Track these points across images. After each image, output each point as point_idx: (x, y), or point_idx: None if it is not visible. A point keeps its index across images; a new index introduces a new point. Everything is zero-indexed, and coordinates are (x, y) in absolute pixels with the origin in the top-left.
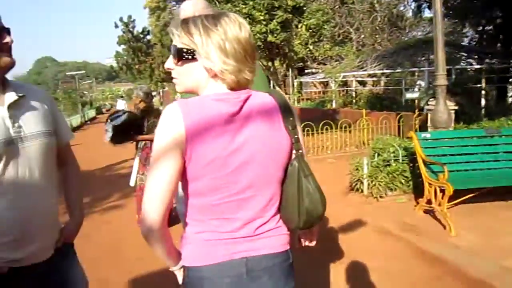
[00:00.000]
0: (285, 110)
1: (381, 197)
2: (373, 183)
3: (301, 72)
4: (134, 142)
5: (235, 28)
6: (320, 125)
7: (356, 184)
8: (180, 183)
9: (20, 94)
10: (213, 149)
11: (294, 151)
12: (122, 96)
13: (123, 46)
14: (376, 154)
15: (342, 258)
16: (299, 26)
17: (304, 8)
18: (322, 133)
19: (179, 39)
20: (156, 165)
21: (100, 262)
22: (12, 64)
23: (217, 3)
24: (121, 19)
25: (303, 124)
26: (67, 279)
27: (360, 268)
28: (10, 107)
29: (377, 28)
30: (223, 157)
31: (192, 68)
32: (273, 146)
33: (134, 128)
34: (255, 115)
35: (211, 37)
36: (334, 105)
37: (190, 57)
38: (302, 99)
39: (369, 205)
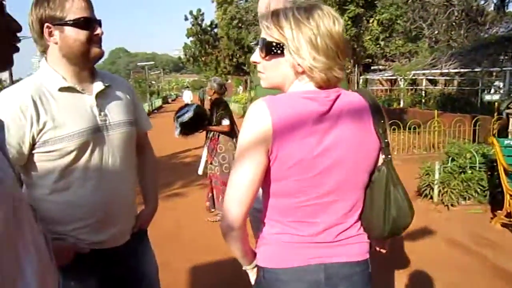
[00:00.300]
0: (376, 111)
1: (452, 205)
2: (445, 190)
3: (367, 68)
4: (204, 132)
5: (329, 22)
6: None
7: (426, 189)
8: None
9: (107, 84)
10: (300, 149)
11: (382, 156)
12: (187, 87)
13: (191, 39)
14: (450, 159)
15: (407, 267)
16: (371, 21)
17: (376, 2)
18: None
19: (268, 32)
20: (241, 163)
21: (163, 247)
22: (101, 55)
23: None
24: (191, 12)
25: None
26: (142, 263)
27: (426, 280)
28: (98, 96)
29: (453, 23)
30: (309, 159)
31: (279, 63)
32: (362, 150)
33: (201, 121)
34: (344, 116)
35: (302, 31)
36: (401, 104)
37: (279, 51)
38: None
39: (439, 213)
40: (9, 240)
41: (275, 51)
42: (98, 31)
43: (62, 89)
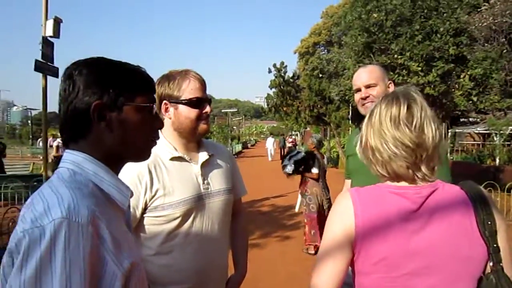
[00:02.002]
0: (481, 210)
1: None
2: None
3: (456, 121)
4: (299, 177)
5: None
6: (483, 186)
7: None
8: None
9: (211, 154)
10: (385, 247)
11: (490, 263)
12: (271, 134)
13: (273, 90)
14: None
15: None
16: (462, 76)
17: (468, 57)
18: None
19: None
20: (324, 258)
21: None
22: (206, 131)
23: (372, 55)
24: (274, 65)
25: None
26: None
27: None
28: (202, 165)
29: None
30: (395, 258)
31: None
32: (460, 256)
33: (306, 163)
34: (438, 215)
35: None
36: (497, 162)
37: None
38: (456, 151)
39: None
40: None
41: None
42: (207, 109)
43: (173, 159)
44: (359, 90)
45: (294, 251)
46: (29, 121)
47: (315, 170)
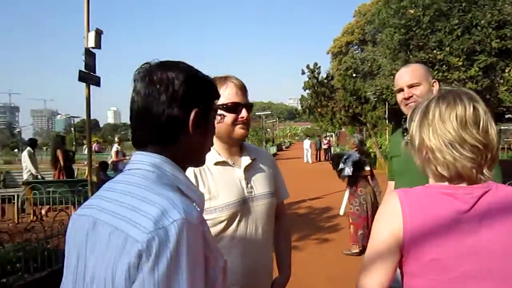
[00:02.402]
0: None
1: None
2: None
3: (500, 117)
4: (346, 179)
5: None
6: None
7: None
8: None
9: (253, 158)
10: (435, 248)
11: None
12: (308, 136)
13: (307, 91)
14: None
15: None
16: (506, 70)
17: None
18: None
19: None
20: (372, 260)
21: None
22: (244, 136)
23: (408, 52)
24: (307, 67)
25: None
26: None
27: None
28: (245, 169)
29: None
30: (445, 259)
31: None
32: None
33: (360, 164)
34: (492, 217)
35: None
36: None
37: None
38: (502, 149)
39: None
40: None
41: None
42: (243, 114)
43: (217, 163)
44: (401, 90)
45: (333, 253)
46: (72, 129)
47: (367, 168)
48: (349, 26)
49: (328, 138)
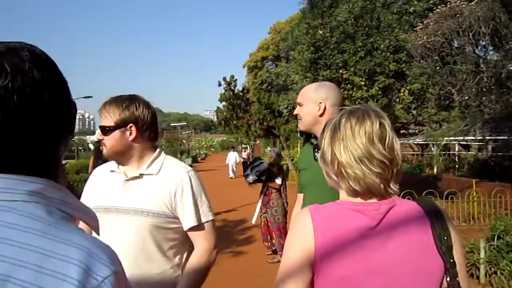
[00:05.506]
0: (437, 226)
1: None
2: (493, 270)
3: (396, 132)
4: (260, 188)
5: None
6: (423, 193)
7: (471, 269)
8: None
9: (148, 173)
10: (346, 266)
11: (447, 278)
12: (233, 147)
13: (223, 103)
14: (496, 236)
15: None
16: (402, 90)
17: (407, 73)
18: None
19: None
20: (285, 279)
21: None
22: (107, 155)
23: (318, 70)
24: (224, 79)
25: (402, 193)
26: None
27: None
28: (128, 180)
29: (483, 89)
30: (354, 276)
31: None
32: (420, 273)
33: (268, 173)
34: (397, 232)
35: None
36: (435, 170)
37: None
38: None
39: None
40: None
41: None
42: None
43: (112, 171)
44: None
45: (250, 265)
46: None
47: (278, 181)
48: (265, 42)
49: (247, 151)
